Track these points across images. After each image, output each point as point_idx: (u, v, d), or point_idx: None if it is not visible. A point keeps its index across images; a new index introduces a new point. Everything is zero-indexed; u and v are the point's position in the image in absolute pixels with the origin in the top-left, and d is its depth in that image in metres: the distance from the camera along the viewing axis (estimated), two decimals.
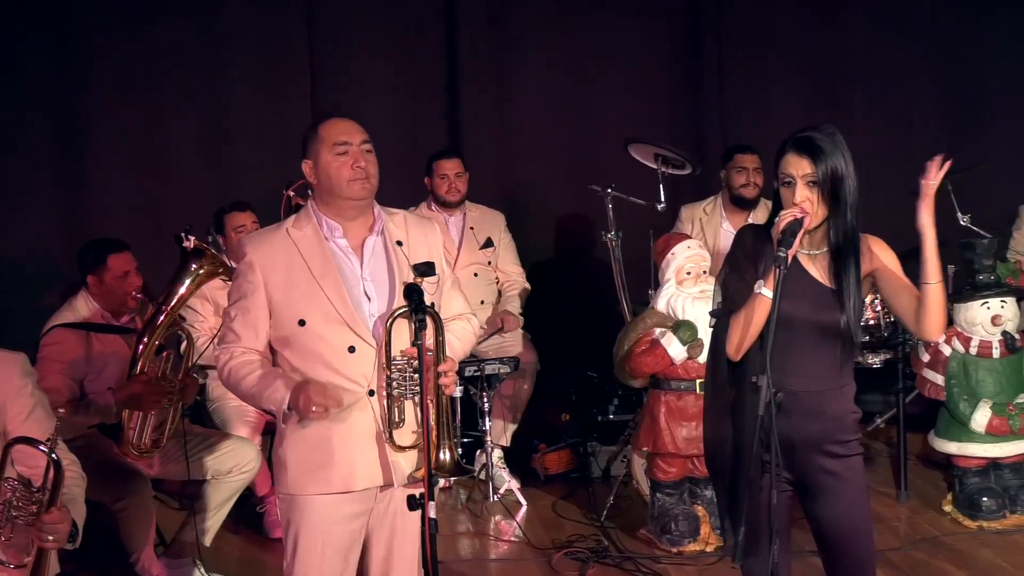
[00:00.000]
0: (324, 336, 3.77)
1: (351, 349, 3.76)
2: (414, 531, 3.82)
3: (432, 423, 3.65)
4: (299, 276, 3.79)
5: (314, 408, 3.64)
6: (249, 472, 5.62)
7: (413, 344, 3.56)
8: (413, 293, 3.63)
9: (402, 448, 3.77)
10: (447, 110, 8.33)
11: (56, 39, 7.60)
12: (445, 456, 3.68)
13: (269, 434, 6.64)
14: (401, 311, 3.70)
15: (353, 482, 3.79)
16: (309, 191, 3.96)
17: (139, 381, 5.23)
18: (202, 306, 6.22)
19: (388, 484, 3.81)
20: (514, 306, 7.30)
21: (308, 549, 3.83)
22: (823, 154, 3.70)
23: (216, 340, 4.00)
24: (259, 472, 5.82)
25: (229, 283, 5.88)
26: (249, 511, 6.23)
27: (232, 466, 5.56)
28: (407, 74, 8.25)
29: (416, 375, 3.70)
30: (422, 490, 3.53)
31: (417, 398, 3.73)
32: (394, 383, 3.72)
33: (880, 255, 3.82)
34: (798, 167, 3.71)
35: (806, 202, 3.69)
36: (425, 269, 3.80)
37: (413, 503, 3.52)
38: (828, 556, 3.94)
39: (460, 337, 4.02)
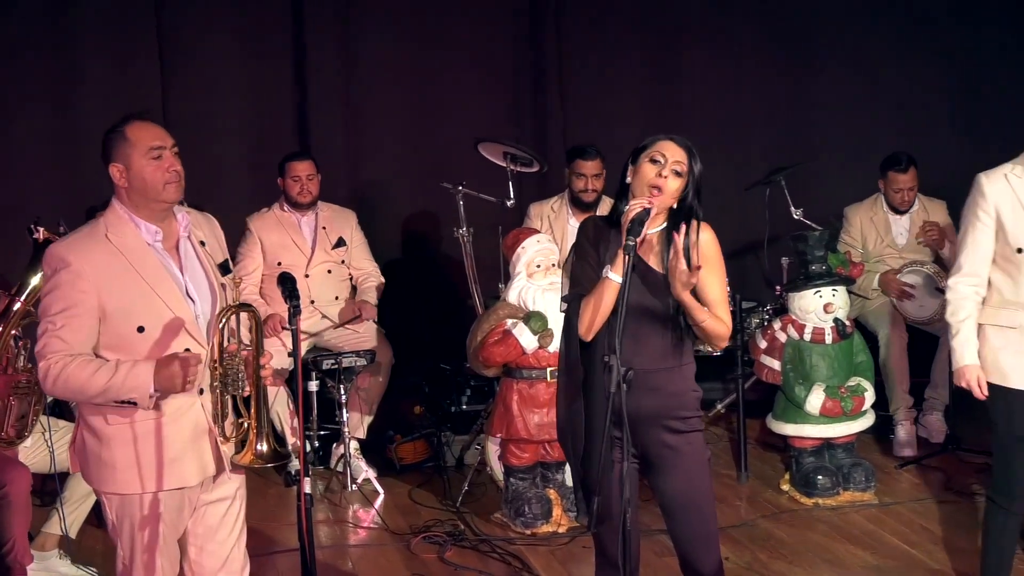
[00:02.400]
0: (162, 341, 3.80)
1: (186, 351, 3.82)
2: (225, 528, 4.06)
3: (253, 411, 3.81)
4: (132, 284, 3.79)
5: (190, 379, 3.72)
6: None
7: (286, 328, 3.70)
8: (287, 281, 3.78)
9: (227, 439, 3.90)
10: (296, 110, 8.38)
11: None
12: (262, 446, 3.80)
13: None
14: (228, 310, 3.81)
15: (187, 478, 3.89)
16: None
17: None
18: None
19: (220, 472, 3.96)
20: (371, 296, 7.39)
21: (152, 546, 3.90)
22: (695, 155, 3.98)
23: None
24: None
25: None
26: None
27: None
28: (256, 74, 8.28)
29: (240, 369, 3.82)
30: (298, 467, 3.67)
31: (240, 391, 3.85)
32: (228, 379, 3.82)
33: (702, 254, 4.00)
34: (674, 153, 3.95)
35: (667, 180, 3.92)
36: (227, 268, 3.96)
37: (290, 480, 3.66)
38: (673, 528, 4.13)
39: None
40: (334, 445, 7.10)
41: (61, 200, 7.39)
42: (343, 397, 6.86)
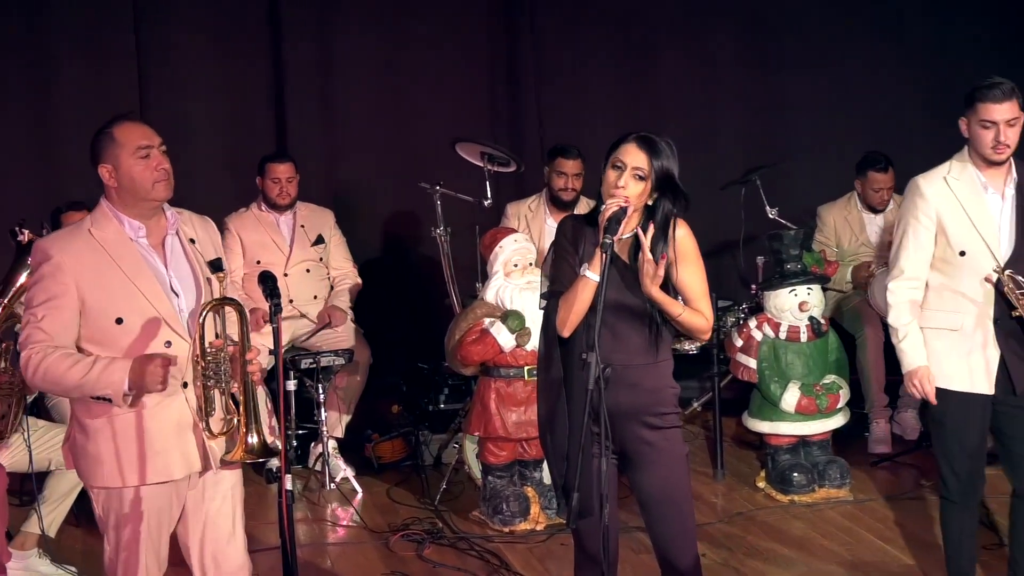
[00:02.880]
0: (142, 333, 3.85)
1: (167, 344, 3.87)
2: (226, 516, 4.13)
3: (241, 407, 3.83)
4: (112, 277, 3.85)
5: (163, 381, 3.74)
6: None
7: (271, 321, 3.72)
8: (267, 280, 3.82)
9: (214, 435, 3.92)
10: (274, 109, 8.39)
11: None
12: (253, 440, 3.83)
13: None
14: (210, 305, 3.85)
15: (172, 471, 3.92)
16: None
17: None
18: None
19: (206, 469, 3.99)
20: (342, 301, 7.41)
21: (134, 540, 3.94)
22: (660, 154, 3.97)
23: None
24: None
25: None
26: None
27: None
28: (234, 74, 8.29)
29: (226, 364, 3.85)
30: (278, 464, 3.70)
31: (225, 386, 3.89)
32: (210, 373, 3.84)
33: (679, 250, 4.05)
34: (634, 158, 3.95)
35: (624, 188, 3.93)
36: (218, 265, 3.98)
37: (270, 477, 3.69)
38: (650, 524, 4.16)
39: None
40: (312, 444, 7.12)
41: (40, 202, 7.36)
42: (321, 396, 6.87)
